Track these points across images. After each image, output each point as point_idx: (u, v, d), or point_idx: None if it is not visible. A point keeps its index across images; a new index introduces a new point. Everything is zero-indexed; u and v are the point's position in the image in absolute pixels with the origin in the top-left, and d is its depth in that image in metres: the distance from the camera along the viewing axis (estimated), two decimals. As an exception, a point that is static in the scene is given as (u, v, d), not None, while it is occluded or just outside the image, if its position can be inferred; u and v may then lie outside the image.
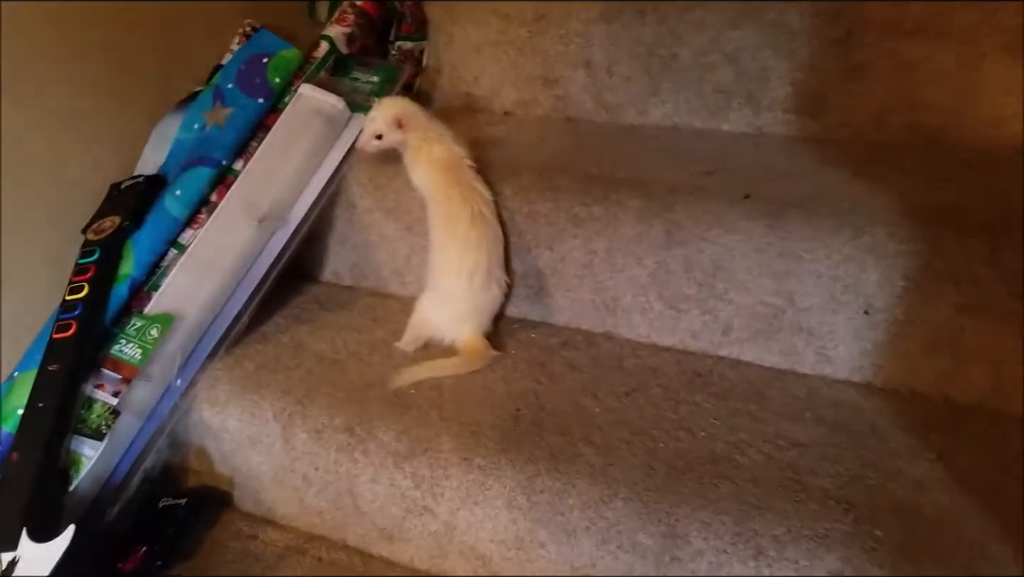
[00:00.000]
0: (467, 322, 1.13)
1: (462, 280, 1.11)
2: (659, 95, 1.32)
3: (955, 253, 0.94)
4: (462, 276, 1.11)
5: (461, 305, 1.13)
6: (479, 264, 1.11)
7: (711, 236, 1.05)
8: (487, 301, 1.15)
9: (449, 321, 1.14)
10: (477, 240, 1.11)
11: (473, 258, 1.11)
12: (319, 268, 1.34)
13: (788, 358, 1.07)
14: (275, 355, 1.15)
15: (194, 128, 1.22)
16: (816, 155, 1.18)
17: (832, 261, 1.00)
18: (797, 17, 1.20)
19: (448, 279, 1.13)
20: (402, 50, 1.44)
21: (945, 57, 1.15)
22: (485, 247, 1.11)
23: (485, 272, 1.12)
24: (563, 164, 1.18)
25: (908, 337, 0.99)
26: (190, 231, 1.18)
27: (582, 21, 1.32)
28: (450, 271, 1.12)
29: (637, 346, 1.14)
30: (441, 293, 1.14)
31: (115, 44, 1.22)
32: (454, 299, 1.13)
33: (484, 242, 1.11)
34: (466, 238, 1.11)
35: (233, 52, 1.30)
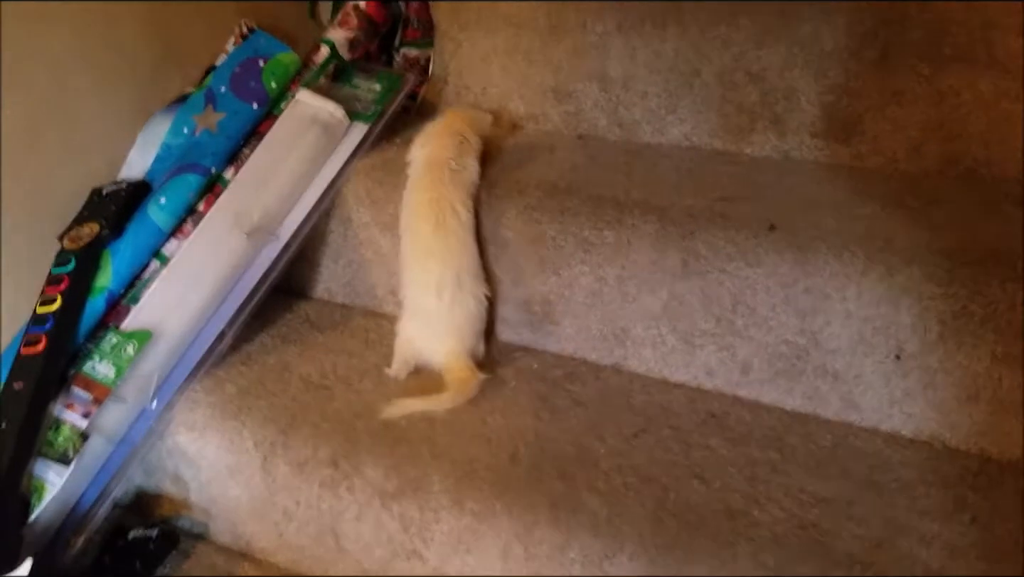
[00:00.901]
0: (445, 342, 1.05)
1: (430, 295, 1.04)
2: (678, 113, 1.24)
3: (996, 298, 0.87)
4: (429, 290, 1.04)
5: (434, 323, 1.05)
6: (445, 277, 1.03)
7: (732, 268, 0.98)
8: (463, 317, 1.06)
9: (427, 341, 1.06)
10: (441, 251, 1.04)
11: (438, 270, 1.04)
12: (311, 284, 1.27)
13: (811, 402, 0.99)
14: (259, 378, 1.08)
15: (183, 132, 1.15)
16: (846, 184, 1.10)
17: (863, 301, 0.93)
18: (830, 37, 1.12)
19: (415, 293, 1.06)
20: (407, 57, 1.37)
21: (986, 86, 1.08)
22: (451, 258, 1.04)
23: (454, 285, 1.04)
24: (573, 184, 1.11)
25: (942, 386, 0.92)
26: (174, 242, 1.12)
27: (598, 33, 1.25)
28: (416, 284, 1.06)
29: (647, 381, 1.07)
30: (412, 311, 1.07)
31: (102, 41, 1.15)
32: (426, 316, 1.06)
33: (449, 253, 1.04)
34: (428, 249, 1.05)
35: (228, 53, 1.23)
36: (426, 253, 1.06)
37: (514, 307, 1.13)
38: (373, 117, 1.21)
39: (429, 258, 1.05)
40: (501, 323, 1.15)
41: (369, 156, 1.20)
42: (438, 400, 1.01)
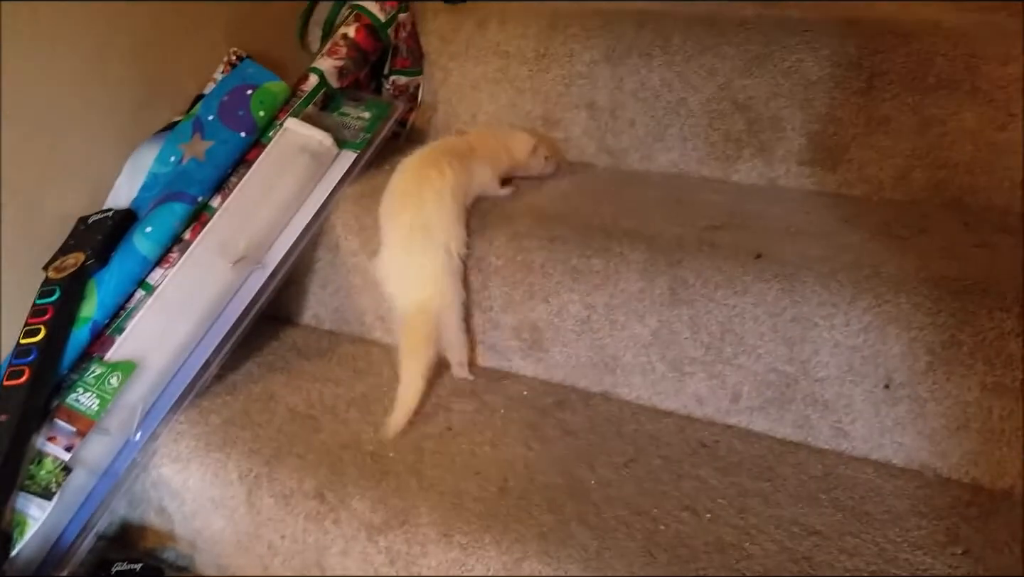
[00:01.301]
0: (407, 290, 1.06)
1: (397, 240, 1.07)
2: (665, 141, 1.25)
3: (984, 328, 0.87)
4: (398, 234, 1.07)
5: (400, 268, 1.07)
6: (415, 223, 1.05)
7: (719, 297, 0.97)
8: (430, 268, 1.05)
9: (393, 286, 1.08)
10: (415, 198, 1.06)
11: (408, 216, 1.06)
12: (298, 311, 1.26)
13: (801, 431, 0.99)
14: (244, 408, 1.06)
15: (170, 161, 1.14)
16: (833, 212, 1.11)
17: (851, 330, 0.92)
18: (815, 67, 1.13)
19: (386, 237, 1.09)
20: (396, 85, 1.37)
21: (970, 115, 1.09)
22: (423, 207, 1.06)
23: (423, 233, 1.05)
24: (562, 211, 1.11)
25: (932, 415, 0.91)
26: (160, 271, 1.10)
27: (585, 63, 1.26)
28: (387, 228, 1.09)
29: (637, 409, 1.06)
30: (382, 255, 1.09)
31: (90, 68, 1.15)
32: (392, 261, 1.08)
33: (422, 202, 1.06)
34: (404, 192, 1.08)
35: (216, 81, 1.23)
36: (401, 197, 1.08)
37: (503, 334, 1.12)
38: (362, 145, 1.20)
39: (403, 203, 1.07)
40: (490, 349, 1.14)
41: (358, 183, 1.19)
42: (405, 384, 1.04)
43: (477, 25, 1.34)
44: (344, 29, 1.30)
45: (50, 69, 1.10)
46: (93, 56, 1.15)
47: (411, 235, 1.06)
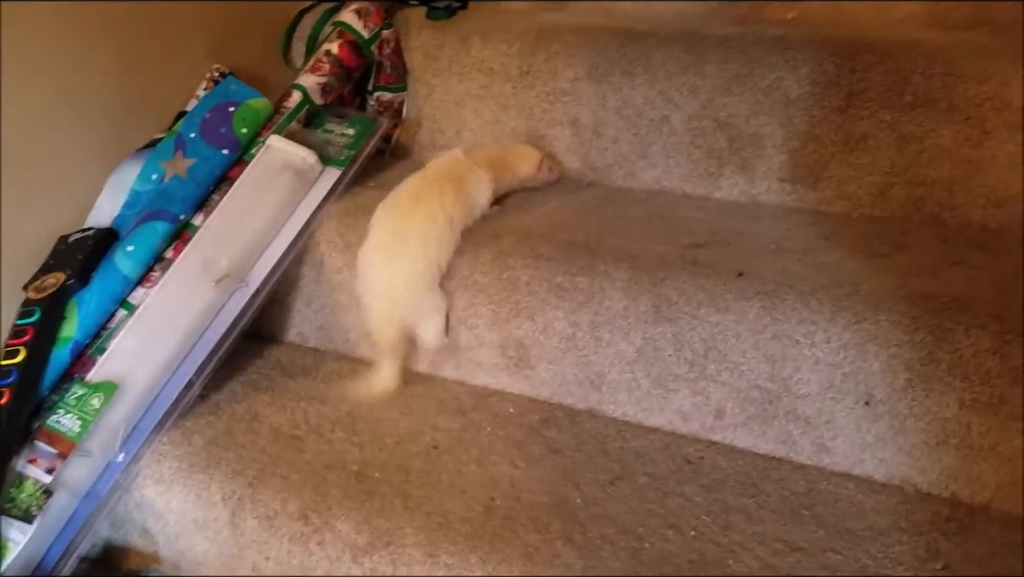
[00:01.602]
0: (377, 301, 1.08)
1: (375, 248, 1.09)
2: (648, 158, 1.26)
3: (962, 345, 0.88)
4: (377, 243, 1.09)
5: (373, 279, 1.09)
6: (396, 233, 1.07)
7: (702, 314, 0.98)
8: (401, 277, 1.07)
9: (367, 297, 1.10)
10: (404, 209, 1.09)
11: (391, 225, 1.08)
12: (283, 328, 1.26)
13: (784, 446, 1.00)
14: (228, 429, 1.06)
15: (152, 179, 1.14)
16: (813, 229, 1.12)
17: (831, 347, 0.93)
18: (794, 85, 1.15)
19: (366, 245, 1.10)
20: (381, 101, 1.37)
21: (947, 132, 1.10)
22: (407, 220, 1.08)
23: (400, 244, 1.07)
24: (547, 229, 1.12)
25: (911, 431, 0.93)
26: (141, 290, 1.10)
27: (569, 80, 1.27)
28: (369, 236, 1.10)
29: (623, 426, 1.06)
30: (360, 264, 1.11)
31: (70, 83, 1.14)
32: (366, 271, 1.09)
33: (410, 215, 1.08)
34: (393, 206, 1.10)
35: (199, 98, 1.22)
36: (390, 209, 1.10)
37: (489, 351, 1.13)
38: (346, 162, 1.20)
39: (388, 214, 1.10)
40: (476, 366, 1.14)
41: (342, 200, 1.19)
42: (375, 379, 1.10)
43: (461, 42, 1.34)
44: (327, 46, 1.30)
45: (29, 86, 1.09)
46: (73, 72, 1.14)
47: (387, 247, 1.08)
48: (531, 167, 1.23)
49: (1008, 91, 1.07)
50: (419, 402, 1.11)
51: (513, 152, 1.24)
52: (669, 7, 1.44)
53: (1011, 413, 0.88)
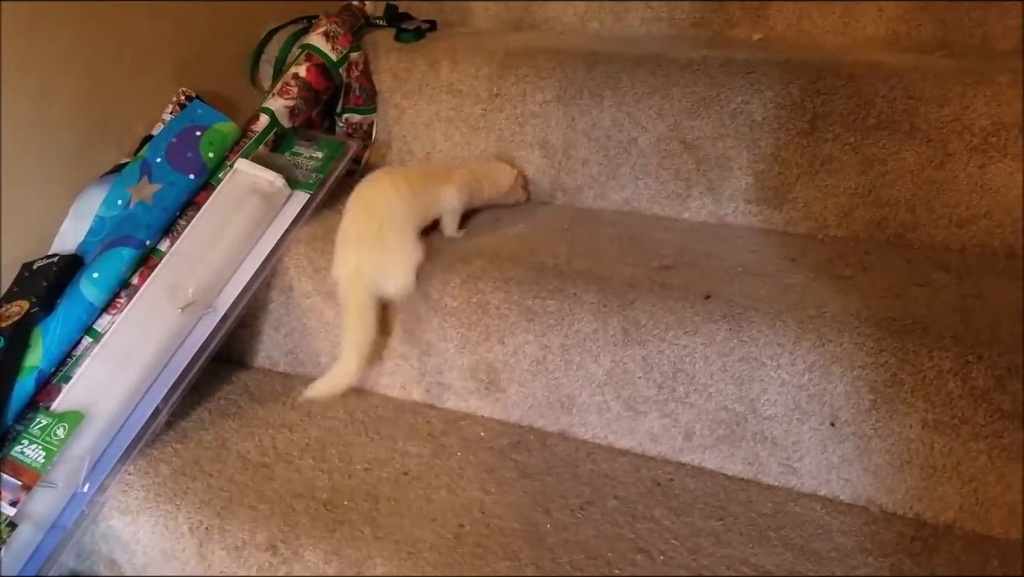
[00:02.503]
0: (347, 258, 1.09)
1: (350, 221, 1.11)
2: (618, 179, 1.27)
3: (924, 367, 0.89)
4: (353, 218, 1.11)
5: (347, 236, 1.10)
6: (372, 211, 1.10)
7: (670, 337, 0.99)
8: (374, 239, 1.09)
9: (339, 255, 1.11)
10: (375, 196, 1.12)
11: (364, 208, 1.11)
12: (251, 353, 1.25)
13: (752, 467, 1.00)
14: (195, 457, 1.04)
15: (117, 204, 1.13)
16: (780, 250, 1.13)
17: (796, 369, 0.94)
18: (760, 108, 1.16)
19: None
20: (350, 123, 1.36)
21: (910, 154, 1.12)
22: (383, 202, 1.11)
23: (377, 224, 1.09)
24: (516, 252, 1.12)
25: (876, 452, 0.94)
26: (107, 317, 1.09)
27: (538, 103, 1.27)
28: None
29: (593, 448, 1.07)
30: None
31: (34, 107, 1.12)
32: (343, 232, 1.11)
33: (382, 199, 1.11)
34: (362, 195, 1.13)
35: (165, 122, 1.21)
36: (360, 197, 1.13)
37: (460, 374, 1.12)
38: (314, 185, 1.20)
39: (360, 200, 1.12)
40: (447, 390, 1.14)
41: (310, 224, 1.19)
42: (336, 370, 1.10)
43: (430, 65, 1.34)
44: (295, 68, 1.29)
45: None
46: (37, 96, 1.13)
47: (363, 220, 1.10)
48: (509, 182, 1.27)
49: (968, 114, 1.09)
50: (389, 427, 1.11)
51: (494, 168, 1.28)
52: (637, 29, 1.46)
53: (973, 434, 0.90)
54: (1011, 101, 1.07)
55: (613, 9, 1.45)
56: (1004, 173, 1.09)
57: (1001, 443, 0.89)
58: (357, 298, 1.08)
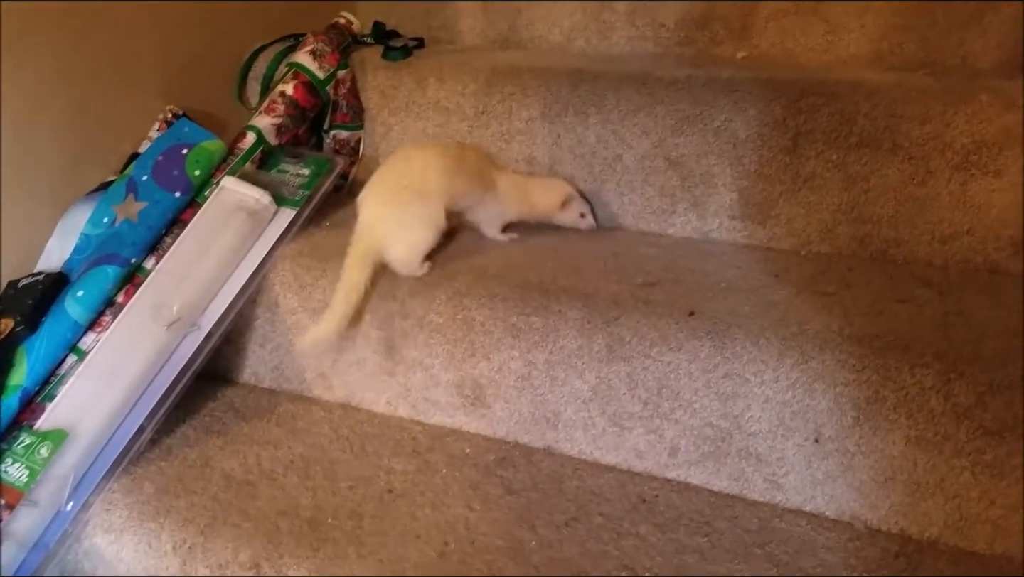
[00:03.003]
0: (369, 205, 1.14)
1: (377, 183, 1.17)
2: (603, 196, 1.27)
3: (907, 384, 0.90)
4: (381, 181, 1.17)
5: (372, 189, 1.15)
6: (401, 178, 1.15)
7: (655, 353, 0.99)
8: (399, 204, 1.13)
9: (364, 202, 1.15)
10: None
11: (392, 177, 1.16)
12: (237, 369, 1.25)
13: (737, 483, 1.00)
14: (179, 475, 1.04)
15: (103, 222, 1.13)
16: (763, 266, 1.14)
17: (780, 385, 0.95)
18: (743, 126, 1.17)
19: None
20: (337, 139, 1.37)
21: (892, 171, 1.13)
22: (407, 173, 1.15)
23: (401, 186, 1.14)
24: (502, 268, 1.12)
25: (860, 468, 0.94)
26: (92, 335, 1.09)
27: (524, 120, 1.28)
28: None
29: (579, 464, 1.07)
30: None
31: (21, 124, 1.12)
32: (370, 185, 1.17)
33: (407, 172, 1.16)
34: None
35: (151, 140, 1.21)
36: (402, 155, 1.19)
37: (446, 390, 1.12)
38: (300, 202, 1.20)
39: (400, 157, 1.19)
40: (433, 406, 1.14)
41: (296, 241, 1.19)
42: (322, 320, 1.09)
43: (417, 82, 1.35)
44: (282, 87, 1.30)
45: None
46: (25, 112, 1.13)
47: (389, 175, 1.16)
48: (549, 202, 1.24)
49: (949, 132, 1.10)
50: (374, 443, 1.11)
51: (539, 183, 1.26)
52: (622, 47, 1.47)
53: (955, 450, 0.90)
54: (992, 119, 1.08)
55: (599, 28, 1.47)
56: (985, 190, 1.10)
57: (983, 460, 0.89)
58: (360, 249, 1.10)
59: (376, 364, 1.15)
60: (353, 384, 1.18)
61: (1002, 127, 1.08)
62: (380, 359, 1.15)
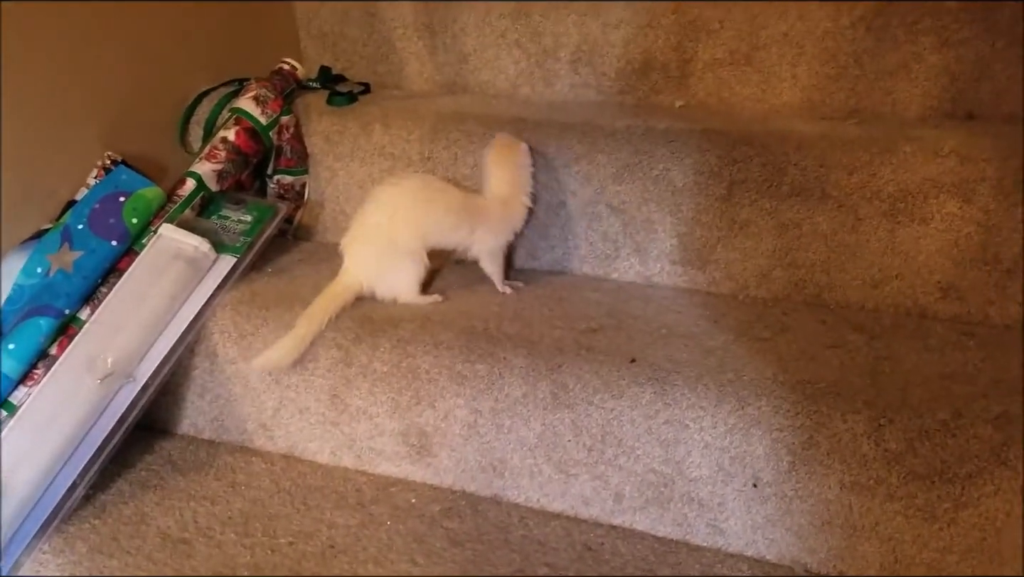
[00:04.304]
0: (354, 248, 1.17)
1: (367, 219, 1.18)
2: (548, 240, 1.28)
3: (839, 430, 0.92)
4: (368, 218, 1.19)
5: (356, 230, 1.18)
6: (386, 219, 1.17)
7: (598, 400, 1.00)
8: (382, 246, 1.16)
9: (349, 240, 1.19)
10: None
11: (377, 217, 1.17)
12: (175, 420, 1.22)
13: (681, 529, 1.01)
14: (113, 533, 1.01)
15: (37, 272, 1.09)
16: (702, 311, 1.16)
17: (718, 431, 0.96)
18: (680, 175, 1.19)
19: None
20: (281, 184, 1.36)
21: (823, 219, 1.16)
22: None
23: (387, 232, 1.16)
24: (446, 315, 1.12)
25: (798, 512, 0.95)
26: (23, 389, 1.05)
27: (469, 166, 1.29)
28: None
29: (525, 512, 1.06)
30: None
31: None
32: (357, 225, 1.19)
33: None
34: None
35: (89, 187, 1.19)
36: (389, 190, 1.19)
37: (391, 439, 1.12)
38: (241, 249, 1.19)
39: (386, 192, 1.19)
40: (378, 455, 1.13)
41: (237, 288, 1.17)
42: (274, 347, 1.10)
43: (362, 128, 1.35)
44: (224, 132, 1.29)
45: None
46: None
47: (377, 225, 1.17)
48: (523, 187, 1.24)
49: (876, 181, 1.14)
50: (317, 496, 1.09)
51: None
52: (566, 94, 1.49)
53: (888, 494, 0.92)
54: (915, 169, 1.12)
55: (543, 75, 1.49)
56: (913, 237, 1.14)
57: (915, 504, 0.91)
58: (340, 286, 1.14)
59: (319, 413, 1.14)
60: (296, 434, 1.17)
61: (926, 176, 1.12)
62: (324, 408, 1.14)
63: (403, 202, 1.17)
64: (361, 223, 1.18)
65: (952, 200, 1.12)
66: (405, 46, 1.57)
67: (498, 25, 1.49)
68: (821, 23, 1.33)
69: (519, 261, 1.33)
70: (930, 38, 1.29)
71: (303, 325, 1.09)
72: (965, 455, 0.89)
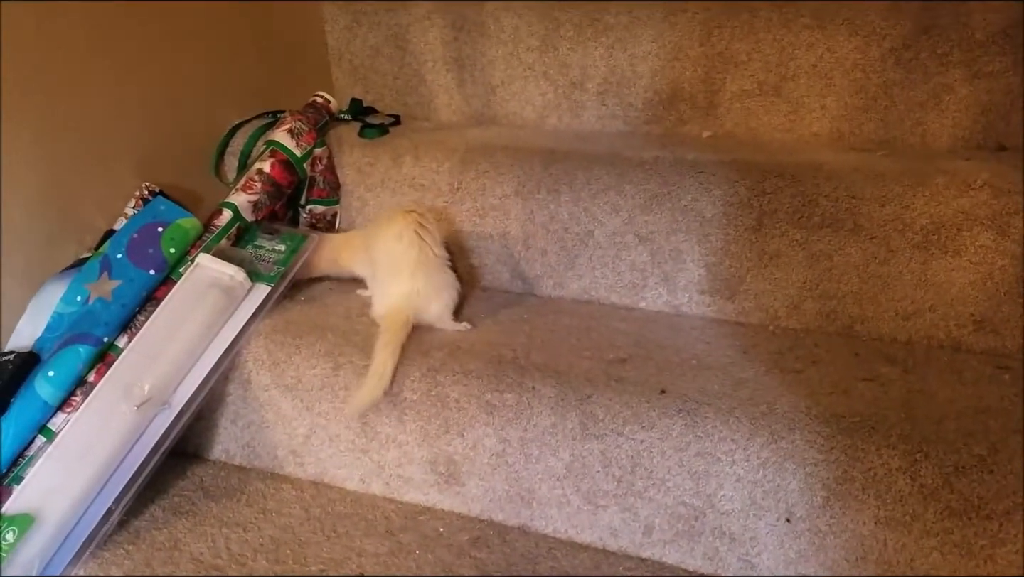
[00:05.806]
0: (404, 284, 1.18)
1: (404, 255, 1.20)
2: (576, 269, 1.29)
3: (874, 464, 0.91)
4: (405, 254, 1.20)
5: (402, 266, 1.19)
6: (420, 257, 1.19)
7: (627, 432, 1.00)
8: (430, 277, 1.19)
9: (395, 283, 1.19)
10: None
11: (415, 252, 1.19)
12: (207, 446, 1.23)
13: (712, 563, 1.00)
14: (146, 559, 1.02)
15: (76, 301, 1.12)
16: (732, 341, 1.16)
17: (751, 465, 0.95)
18: (709, 205, 1.20)
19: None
20: (314, 213, 1.39)
21: (854, 250, 1.16)
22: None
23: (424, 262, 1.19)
24: (475, 344, 1.13)
25: (831, 548, 0.94)
26: (62, 416, 1.07)
27: (498, 196, 1.31)
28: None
29: (553, 544, 1.06)
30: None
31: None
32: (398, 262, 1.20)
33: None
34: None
35: (127, 217, 1.22)
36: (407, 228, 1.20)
37: (419, 467, 1.12)
38: (275, 278, 1.20)
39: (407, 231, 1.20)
40: (406, 483, 1.14)
41: (271, 317, 1.19)
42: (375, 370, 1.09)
43: (392, 160, 1.37)
44: (259, 164, 1.31)
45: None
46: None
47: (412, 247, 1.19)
48: None
49: (908, 213, 1.13)
50: (346, 523, 1.10)
51: None
52: (593, 125, 1.51)
53: (924, 530, 0.91)
54: (948, 201, 1.12)
55: (570, 106, 1.51)
56: (945, 269, 1.14)
57: (951, 540, 0.90)
58: (403, 317, 1.16)
59: (349, 441, 1.15)
60: (325, 461, 1.17)
61: (958, 209, 1.12)
62: (353, 436, 1.15)
63: (430, 233, 1.20)
64: (399, 255, 1.19)
65: (986, 233, 1.11)
66: (434, 79, 1.61)
67: (526, 58, 1.52)
68: (850, 55, 1.34)
69: (545, 290, 1.34)
70: (960, 70, 1.29)
71: (386, 361, 1.09)
72: (1002, 491, 0.88)
